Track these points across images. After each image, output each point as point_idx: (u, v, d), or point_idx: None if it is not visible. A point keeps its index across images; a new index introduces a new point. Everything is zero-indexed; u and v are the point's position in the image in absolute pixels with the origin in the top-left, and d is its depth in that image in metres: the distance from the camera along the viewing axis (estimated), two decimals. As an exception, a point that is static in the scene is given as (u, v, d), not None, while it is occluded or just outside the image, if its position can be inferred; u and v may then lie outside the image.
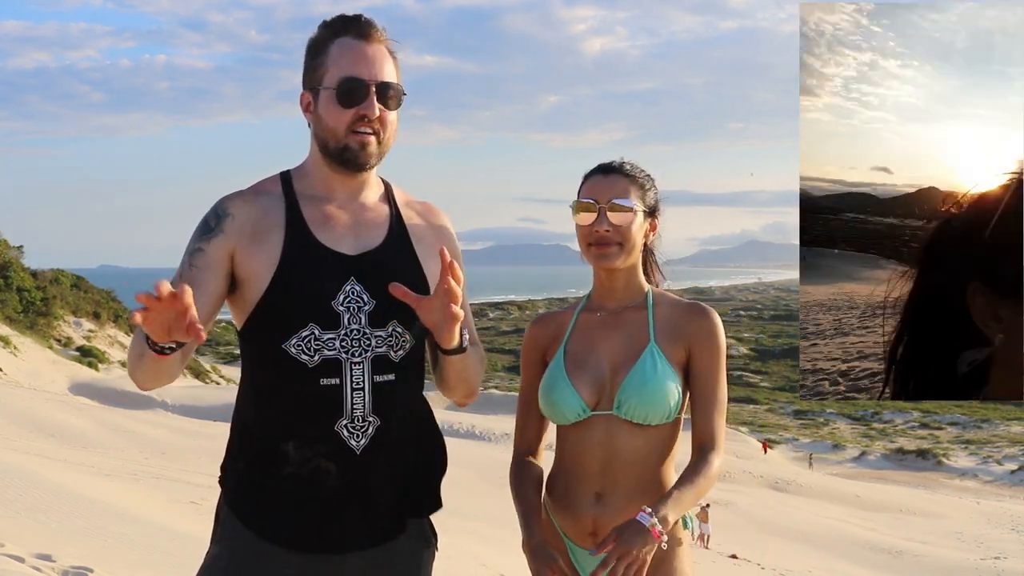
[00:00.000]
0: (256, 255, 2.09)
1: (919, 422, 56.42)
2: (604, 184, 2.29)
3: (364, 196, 2.20)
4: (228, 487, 2.16)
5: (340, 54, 2.11)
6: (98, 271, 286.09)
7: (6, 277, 34.01)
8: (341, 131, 2.10)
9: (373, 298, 2.10)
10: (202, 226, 2.12)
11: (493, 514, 13.67)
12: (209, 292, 2.08)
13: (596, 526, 2.24)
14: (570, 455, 2.30)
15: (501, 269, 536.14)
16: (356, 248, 2.14)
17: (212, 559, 2.13)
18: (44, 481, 8.92)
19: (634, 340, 2.28)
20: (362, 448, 2.08)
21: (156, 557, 6.94)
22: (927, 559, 19.27)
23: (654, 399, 2.21)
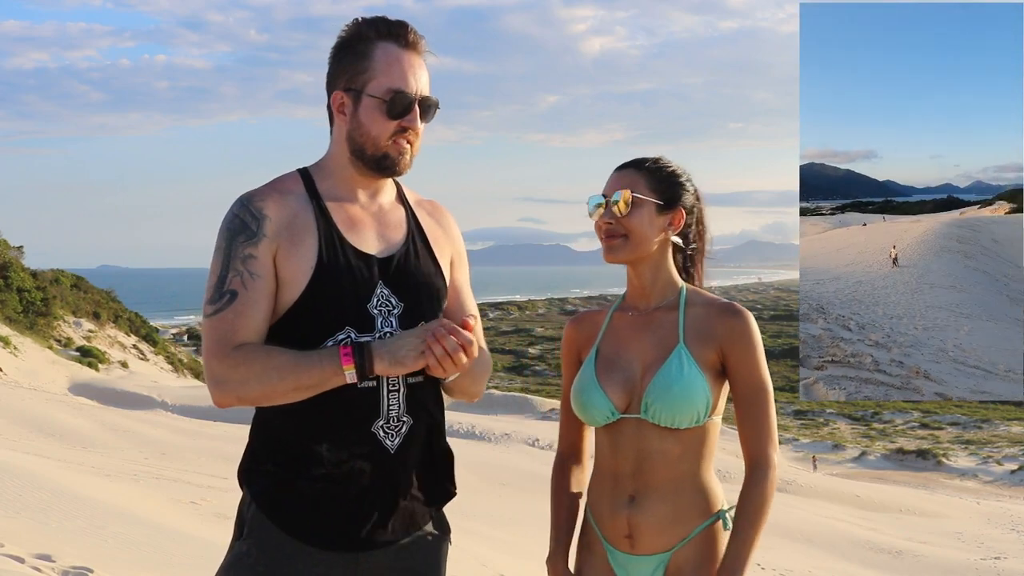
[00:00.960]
0: (293, 257, 2.10)
1: (919, 422, 56.39)
2: (614, 178, 2.30)
3: (382, 196, 2.24)
4: (255, 488, 2.14)
5: (388, 63, 2.12)
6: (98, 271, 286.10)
7: (6, 277, 33.99)
8: (383, 140, 2.12)
9: (401, 301, 2.14)
10: (242, 228, 2.10)
11: (493, 514, 13.68)
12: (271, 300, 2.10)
13: (631, 528, 2.22)
14: (605, 457, 2.28)
15: (501, 269, 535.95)
16: (382, 251, 2.17)
17: (239, 556, 2.13)
18: (44, 481, 8.91)
19: (664, 341, 2.24)
20: (396, 447, 2.12)
21: (156, 557, 6.93)
22: (927, 559, 19.26)
23: (680, 403, 2.17)
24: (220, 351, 2.04)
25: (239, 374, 2.02)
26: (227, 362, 2.03)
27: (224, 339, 2.05)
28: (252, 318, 2.06)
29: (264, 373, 2.01)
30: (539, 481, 19.15)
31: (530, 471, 19.55)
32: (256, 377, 2.02)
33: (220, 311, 2.06)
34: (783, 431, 54.03)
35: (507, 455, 22.64)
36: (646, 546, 2.21)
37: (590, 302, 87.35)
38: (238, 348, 2.04)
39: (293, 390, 2.02)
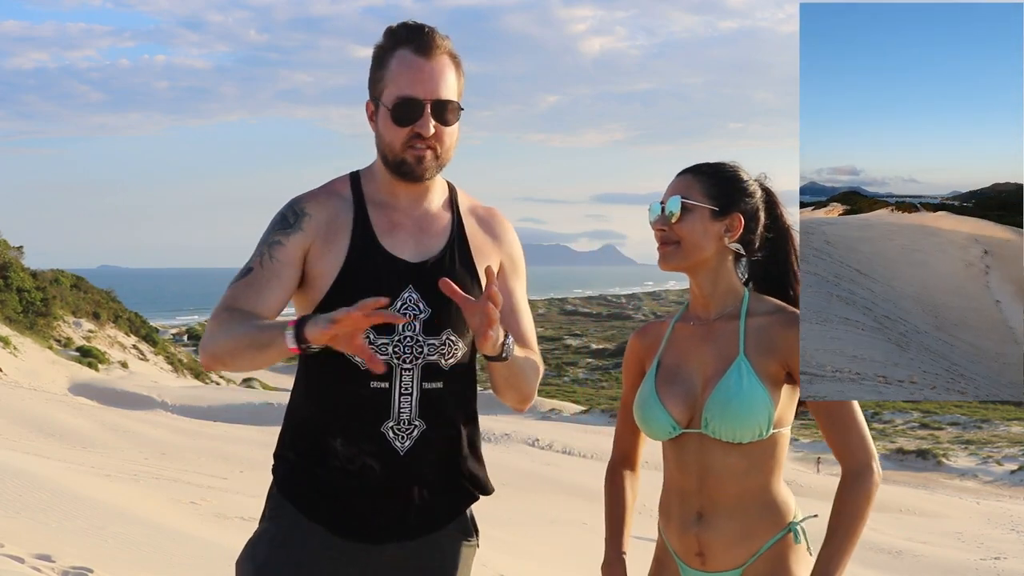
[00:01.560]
0: (325, 256, 2.15)
1: (919, 422, 56.40)
2: (671, 184, 2.24)
3: (428, 201, 2.24)
4: (279, 474, 2.23)
5: (399, 70, 2.14)
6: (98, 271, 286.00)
7: (6, 277, 34.00)
8: (397, 147, 2.14)
9: (429, 306, 2.15)
10: (280, 221, 2.18)
11: (493, 514, 13.67)
12: (285, 286, 2.15)
13: (701, 545, 2.16)
14: (671, 472, 2.23)
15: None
16: (417, 255, 2.18)
17: (261, 533, 2.21)
18: (44, 481, 8.92)
19: (724, 352, 2.17)
20: (406, 449, 2.14)
21: (156, 557, 6.94)
22: (927, 559, 19.27)
23: (741, 417, 2.10)
24: (217, 310, 2.10)
25: (214, 328, 2.08)
26: (214, 319, 2.09)
27: (224, 304, 2.11)
28: (257, 293, 2.11)
29: (231, 324, 2.05)
30: (539, 481, 19.18)
31: (530, 471, 19.57)
32: (224, 329, 2.05)
33: (233, 283, 2.14)
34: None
35: (507, 455, 22.65)
36: (717, 563, 2.16)
37: (590, 302, 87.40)
38: (230, 309, 2.08)
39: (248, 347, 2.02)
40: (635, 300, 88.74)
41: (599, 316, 75.05)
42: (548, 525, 14.47)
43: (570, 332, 64.21)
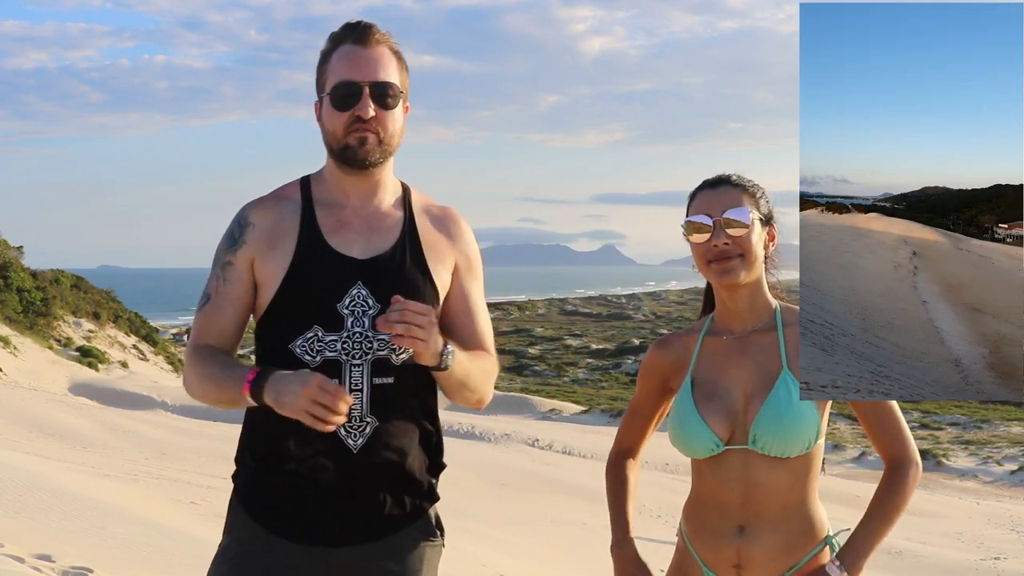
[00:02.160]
0: (271, 260, 2.18)
1: (919, 422, 56.31)
2: (715, 197, 2.20)
3: (379, 199, 2.25)
4: (238, 482, 2.24)
5: (338, 60, 2.18)
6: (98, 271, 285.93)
7: (6, 277, 33.98)
8: (340, 132, 2.17)
9: (379, 302, 2.15)
10: (228, 238, 2.23)
11: (493, 514, 13.67)
12: (242, 305, 2.22)
13: (741, 558, 2.16)
14: (708, 487, 2.21)
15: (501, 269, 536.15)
16: (366, 252, 2.19)
17: (222, 550, 2.22)
18: (44, 481, 8.91)
19: (765, 367, 2.17)
20: (359, 447, 2.14)
21: (156, 557, 6.93)
22: (927, 559, 19.25)
23: (792, 432, 2.10)
24: (188, 349, 2.22)
25: (189, 373, 2.20)
26: (187, 357, 2.21)
27: (195, 336, 2.22)
28: (218, 320, 2.21)
29: (199, 379, 2.18)
30: (539, 481, 19.17)
31: (530, 471, 19.55)
32: (197, 380, 2.18)
33: (198, 311, 2.24)
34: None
35: (507, 455, 22.63)
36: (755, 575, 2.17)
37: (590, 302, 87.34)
38: (197, 347, 2.19)
39: (219, 402, 2.15)
40: (635, 300, 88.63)
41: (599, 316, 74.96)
42: (548, 525, 14.45)
43: (570, 332, 64.14)
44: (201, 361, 2.17)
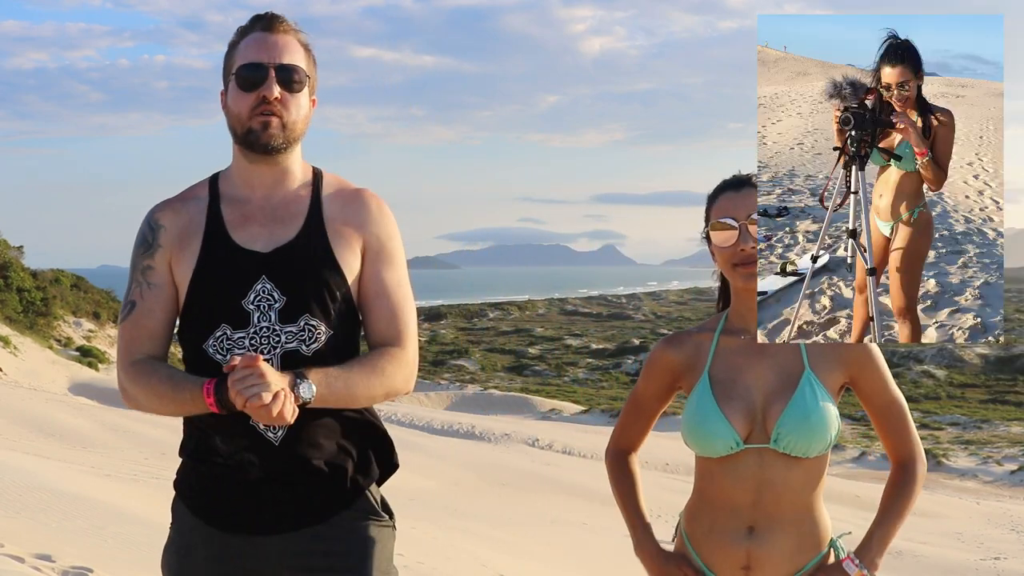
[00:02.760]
0: (182, 262, 2.19)
1: (919, 422, 56.09)
2: (738, 200, 2.20)
3: (284, 189, 2.23)
4: (178, 476, 2.32)
5: (246, 46, 2.18)
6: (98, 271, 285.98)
7: (6, 277, 33.97)
8: (244, 115, 2.16)
9: (284, 294, 2.15)
10: (141, 241, 2.23)
11: (493, 514, 13.67)
12: (168, 308, 2.21)
13: (750, 559, 2.16)
14: (717, 487, 2.20)
15: (501, 269, 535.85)
16: (269, 245, 2.18)
17: (168, 542, 2.31)
18: (44, 481, 8.91)
19: (786, 367, 2.17)
20: (280, 440, 2.15)
21: (156, 557, 6.92)
22: (927, 559, 19.25)
23: (816, 432, 2.11)
24: (122, 362, 2.19)
25: (134, 389, 2.17)
26: (127, 374, 2.18)
27: (126, 349, 2.20)
28: (147, 327, 2.20)
29: (149, 396, 2.16)
30: (539, 481, 19.16)
31: (530, 471, 19.54)
32: (145, 396, 2.17)
33: (123, 320, 2.22)
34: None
35: (507, 455, 22.62)
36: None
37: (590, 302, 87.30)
38: (135, 363, 2.17)
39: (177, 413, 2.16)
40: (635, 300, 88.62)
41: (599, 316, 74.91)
42: (548, 525, 14.44)
43: (570, 332, 64.10)
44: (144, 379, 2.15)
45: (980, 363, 68.71)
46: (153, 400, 2.16)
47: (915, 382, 66.20)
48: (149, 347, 2.21)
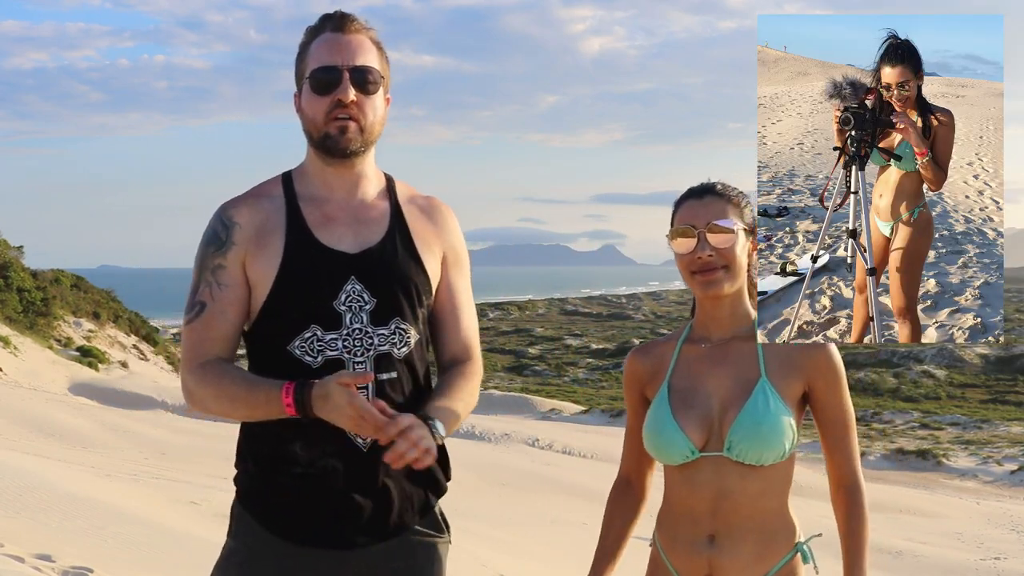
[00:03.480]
0: (261, 260, 2.12)
1: (919, 422, 56.28)
2: (700, 207, 2.19)
3: (363, 192, 2.20)
4: (241, 487, 2.19)
5: (317, 48, 2.14)
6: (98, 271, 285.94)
7: (6, 277, 33.97)
8: (320, 120, 2.12)
9: (374, 296, 2.11)
10: (213, 239, 2.15)
11: (493, 514, 13.67)
12: (239, 310, 2.14)
13: (712, 568, 2.16)
14: (679, 496, 2.21)
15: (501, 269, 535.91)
16: (356, 246, 2.14)
17: (228, 553, 2.18)
18: (44, 481, 8.91)
19: (743, 374, 2.17)
20: (368, 446, 2.09)
21: (156, 557, 6.93)
22: (927, 559, 19.24)
23: (768, 440, 2.11)
24: (189, 363, 2.13)
25: (202, 391, 2.11)
26: (194, 376, 2.12)
27: (193, 351, 2.13)
28: (219, 329, 2.13)
29: (219, 398, 2.09)
30: (539, 481, 19.16)
31: (530, 471, 19.55)
32: (214, 399, 2.10)
33: (191, 322, 2.15)
34: (783, 431, 53.71)
35: (507, 455, 22.61)
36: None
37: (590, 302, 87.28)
38: (204, 365, 2.11)
39: (246, 417, 2.09)
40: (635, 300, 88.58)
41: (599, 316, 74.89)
42: (548, 525, 14.43)
43: (570, 332, 64.07)
44: (215, 381, 2.10)
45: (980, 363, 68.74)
46: (223, 403, 2.10)
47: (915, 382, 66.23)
48: (219, 349, 2.14)
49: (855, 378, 67.44)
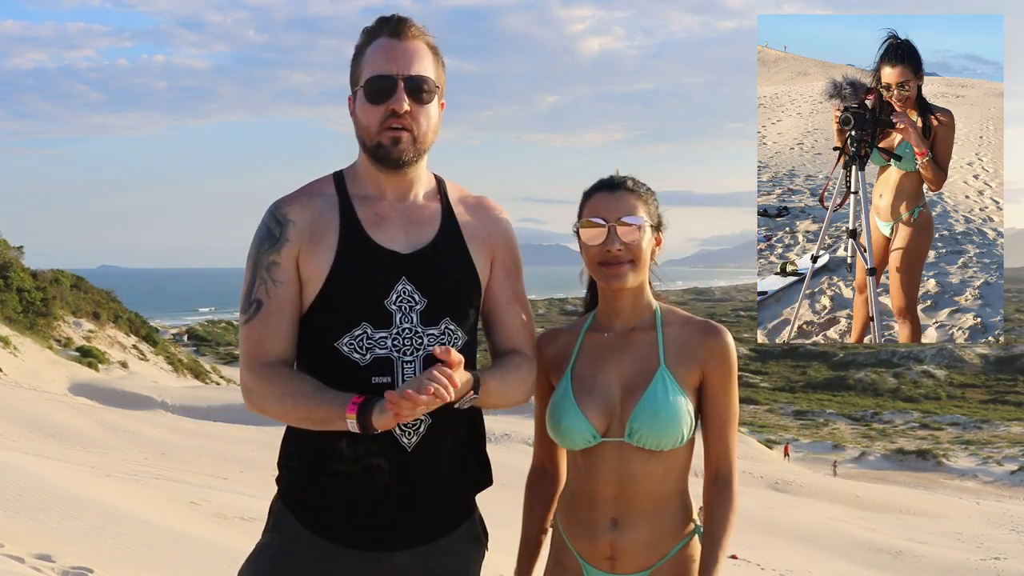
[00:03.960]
0: (315, 256, 2.11)
1: (919, 422, 56.36)
2: (611, 201, 2.22)
3: (415, 193, 2.20)
4: (283, 484, 2.18)
5: (373, 54, 2.12)
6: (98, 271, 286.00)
7: (6, 277, 33.98)
8: (374, 128, 2.11)
9: (425, 296, 2.11)
10: (266, 235, 2.14)
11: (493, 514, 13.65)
12: (297, 306, 2.13)
13: (614, 550, 2.20)
14: (582, 480, 2.24)
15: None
16: (408, 246, 2.14)
17: (261, 547, 2.17)
18: (44, 481, 8.91)
19: (644, 363, 2.21)
20: (413, 445, 2.09)
21: (156, 557, 6.93)
22: (927, 559, 19.25)
23: (666, 426, 2.15)
24: (250, 363, 2.11)
25: (262, 390, 2.09)
26: (254, 376, 2.10)
27: (253, 350, 2.11)
28: (277, 327, 2.12)
29: (281, 398, 2.07)
30: (539, 481, 19.14)
31: (530, 471, 19.51)
32: (275, 399, 2.08)
33: (249, 321, 2.13)
34: (783, 431, 53.91)
35: (507, 455, 22.58)
36: (628, 566, 2.21)
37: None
38: (268, 366, 2.10)
39: (304, 420, 2.07)
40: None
41: (599, 316, 74.75)
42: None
43: (570, 332, 64.01)
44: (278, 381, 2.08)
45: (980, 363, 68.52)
46: (286, 407, 2.07)
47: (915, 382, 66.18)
48: (280, 347, 2.12)
49: (855, 378, 67.50)
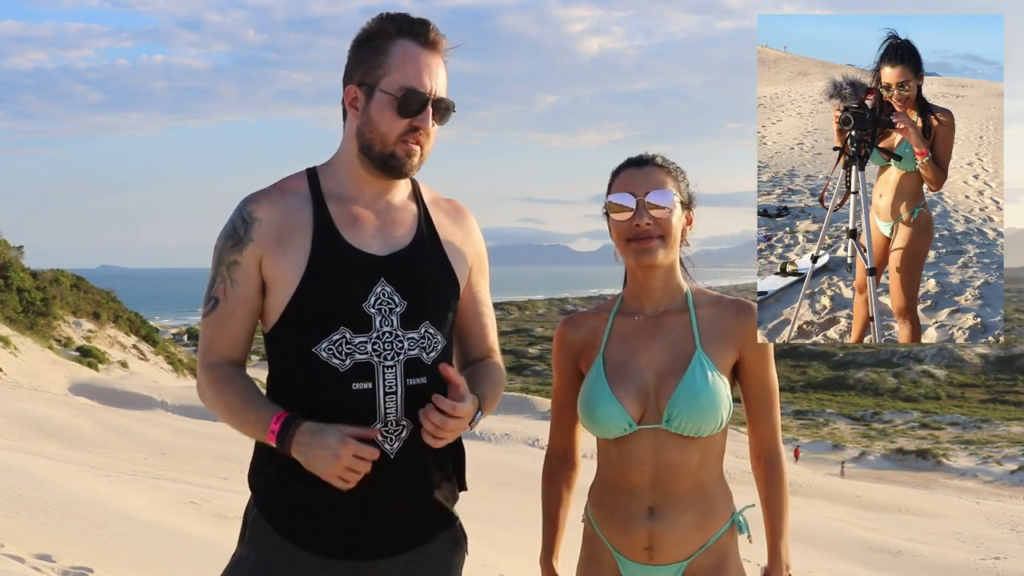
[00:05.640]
0: (283, 258, 2.06)
1: (919, 422, 56.34)
2: (639, 176, 2.19)
3: (392, 194, 2.16)
4: (258, 492, 2.13)
5: (404, 60, 2.05)
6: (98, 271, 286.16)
7: (6, 277, 33.98)
8: (392, 139, 2.06)
9: (404, 299, 2.07)
10: (231, 233, 2.09)
11: (493, 514, 13.65)
12: (254, 308, 2.10)
13: (652, 540, 2.16)
14: (616, 469, 2.19)
15: (501, 269, 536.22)
16: (385, 248, 2.10)
17: (238, 560, 2.10)
18: (44, 481, 8.91)
19: (679, 347, 2.17)
20: (395, 452, 2.05)
21: (156, 557, 6.93)
22: (927, 559, 19.24)
23: (707, 411, 2.11)
24: (201, 360, 2.13)
25: (207, 392, 2.11)
26: (204, 374, 2.11)
27: (206, 347, 2.12)
28: (228, 327, 2.10)
29: (218, 405, 2.09)
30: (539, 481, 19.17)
31: (530, 471, 19.54)
32: (214, 404, 2.10)
33: (206, 315, 2.13)
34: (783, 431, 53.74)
35: (507, 455, 22.63)
36: (666, 556, 2.16)
37: (590, 302, 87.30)
38: (214, 366, 2.10)
39: (239, 430, 2.07)
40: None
41: (599, 316, 74.87)
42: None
43: (570, 332, 64.06)
44: (218, 387, 2.07)
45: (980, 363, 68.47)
46: (222, 410, 2.07)
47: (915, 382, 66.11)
48: (228, 349, 2.10)
49: (855, 378, 67.45)
